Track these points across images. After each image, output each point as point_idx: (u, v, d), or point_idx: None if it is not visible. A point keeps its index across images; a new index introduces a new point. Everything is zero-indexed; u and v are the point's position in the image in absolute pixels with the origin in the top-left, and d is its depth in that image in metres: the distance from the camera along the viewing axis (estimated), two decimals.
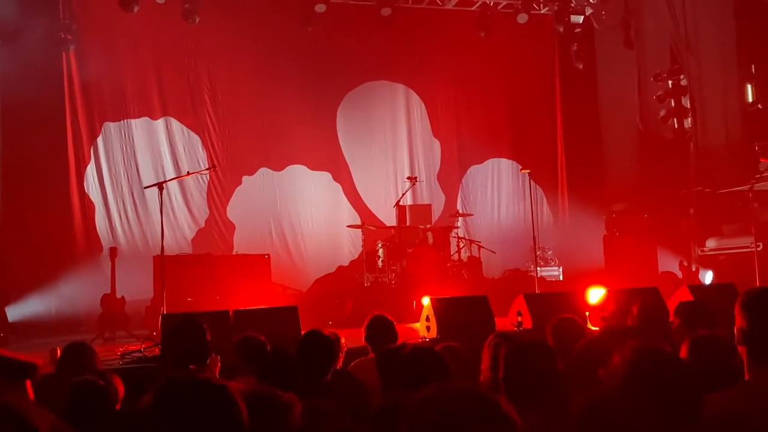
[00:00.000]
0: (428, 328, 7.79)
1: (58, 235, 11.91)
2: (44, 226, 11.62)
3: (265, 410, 2.56)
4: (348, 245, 13.72)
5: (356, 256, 13.21)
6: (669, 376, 2.21)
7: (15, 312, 10.88)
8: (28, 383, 3.14)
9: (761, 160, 11.74)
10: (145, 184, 11.72)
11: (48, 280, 11.23)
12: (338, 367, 4.81)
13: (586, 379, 3.57)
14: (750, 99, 12.72)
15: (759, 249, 10.32)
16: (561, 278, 13.18)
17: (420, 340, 7.60)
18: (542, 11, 14.61)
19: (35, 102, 11.33)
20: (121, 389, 3.54)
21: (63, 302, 11.23)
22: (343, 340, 5.08)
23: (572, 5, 14.27)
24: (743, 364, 2.74)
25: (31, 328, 10.61)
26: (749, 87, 12.71)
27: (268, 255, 11.58)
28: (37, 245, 11.39)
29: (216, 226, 13.25)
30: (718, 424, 2.36)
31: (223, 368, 4.57)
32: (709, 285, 11.23)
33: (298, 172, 13.82)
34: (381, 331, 5.30)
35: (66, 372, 4.21)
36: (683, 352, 3.26)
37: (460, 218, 13.22)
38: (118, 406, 3.41)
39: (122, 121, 12.89)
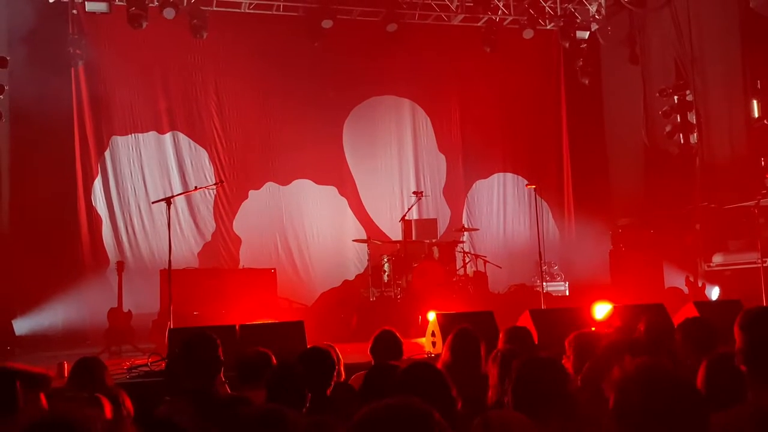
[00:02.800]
0: (434, 344, 7.79)
1: (66, 248, 11.98)
2: (52, 240, 11.70)
3: (268, 429, 2.58)
4: (354, 259, 13.74)
5: (362, 271, 13.22)
6: (673, 394, 2.21)
7: (22, 325, 10.92)
8: (42, 395, 3.18)
9: (767, 175, 11.74)
10: (152, 198, 11.85)
11: (55, 294, 11.27)
12: (341, 380, 4.83)
13: (595, 394, 3.58)
14: (756, 114, 12.70)
15: (766, 265, 10.29)
16: (567, 293, 13.16)
17: (425, 356, 7.60)
18: (548, 27, 14.67)
19: (44, 116, 11.43)
20: (129, 406, 3.55)
21: (70, 316, 11.26)
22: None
23: (578, 21, 14.34)
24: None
25: (37, 341, 10.66)
26: (755, 102, 12.70)
27: (274, 269, 11.61)
28: (45, 258, 11.43)
29: (222, 240, 13.29)
30: None
31: (230, 383, 4.59)
32: (716, 301, 11.21)
33: (304, 186, 13.87)
34: (386, 344, 5.28)
35: (76, 387, 4.22)
36: (700, 372, 3.25)
37: (465, 233, 13.23)
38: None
39: (130, 135, 12.99)
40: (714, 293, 12.09)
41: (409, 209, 12.62)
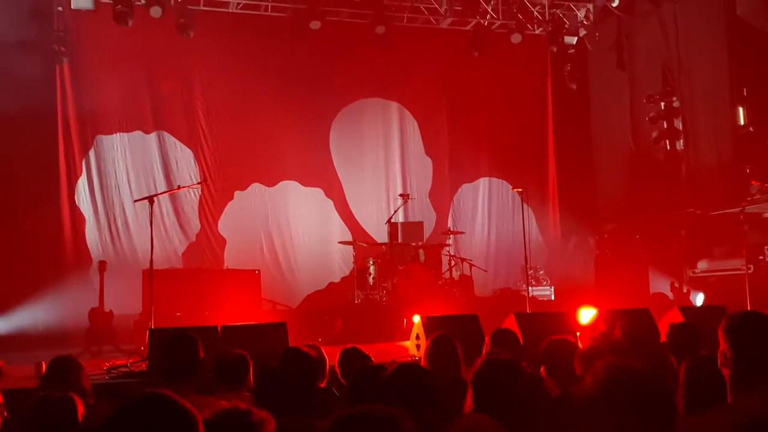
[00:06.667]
0: (418, 347, 7.74)
1: (48, 247, 11.84)
2: (34, 238, 11.55)
3: (235, 429, 2.52)
4: (339, 262, 13.67)
5: (347, 273, 13.16)
6: (640, 393, 2.22)
7: (2, 325, 10.77)
8: None
9: (752, 182, 11.77)
10: (137, 198, 11.69)
11: (36, 293, 11.12)
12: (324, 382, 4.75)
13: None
14: (741, 122, 12.77)
15: (750, 271, 10.32)
16: (552, 298, 13.16)
17: (410, 359, 7.54)
18: (536, 32, 14.69)
19: (28, 114, 11.30)
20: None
21: (50, 315, 11.12)
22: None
23: (566, 26, 14.38)
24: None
25: (17, 341, 10.47)
26: (741, 110, 12.77)
27: (259, 270, 11.53)
28: (26, 257, 11.30)
29: (207, 240, 13.19)
30: None
31: (206, 384, 4.51)
32: (700, 307, 11.23)
33: (290, 187, 13.80)
34: (355, 365, 4.95)
35: (51, 386, 4.15)
36: (681, 373, 3.27)
37: (450, 236, 13.21)
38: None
39: (115, 135, 12.87)
40: (698, 299, 12.11)
41: (395, 212, 12.58)
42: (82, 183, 12.60)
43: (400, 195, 13.01)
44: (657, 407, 2.19)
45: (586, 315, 7.90)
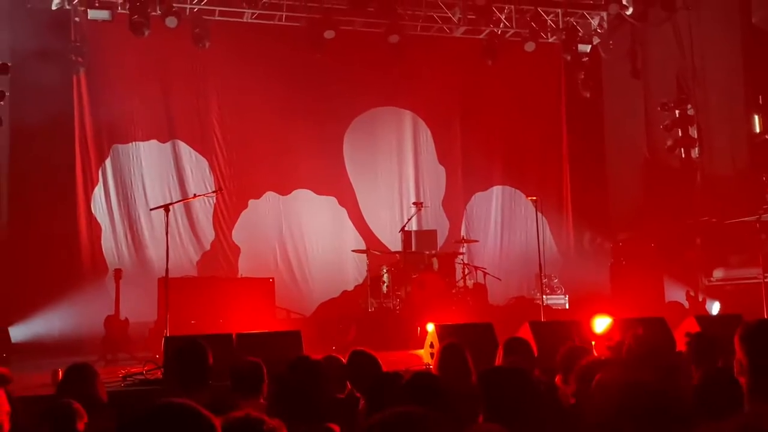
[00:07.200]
0: (432, 355, 7.73)
1: (64, 255, 11.95)
2: (51, 247, 11.67)
3: None
4: (353, 270, 13.68)
5: (361, 281, 13.16)
6: (647, 410, 2.22)
7: (18, 332, 10.85)
8: (2, 392, 3.18)
9: None
10: (152, 207, 11.77)
11: (52, 301, 11.21)
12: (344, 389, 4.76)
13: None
14: (757, 130, 12.72)
15: (766, 280, 10.25)
16: (567, 306, 13.10)
17: (424, 367, 7.54)
18: (550, 40, 14.68)
19: (45, 123, 11.42)
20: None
21: (67, 323, 11.18)
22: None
23: (580, 34, 14.35)
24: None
25: (34, 348, 10.56)
26: (756, 118, 12.71)
27: (273, 278, 11.56)
28: (43, 265, 11.40)
29: (221, 249, 13.24)
30: None
31: (222, 392, 4.53)
32: (716, 315, 11.16)
33: (304, 196, 13.85)
34: (364, 368, 4.97)
35: (67, 394, 4.18)
36: (695, 383, 3.27)
37: (464, 245, 13.20)
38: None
39: (131, 144, 12.97)
40: (714, 308, 12.04)
41: (408, 220, 12.59)
42: (98, 191, 12.70)
43: (414, 203, 13.01)
44: (662, 423, 2.19)
45: (601, 324, 7.87)
